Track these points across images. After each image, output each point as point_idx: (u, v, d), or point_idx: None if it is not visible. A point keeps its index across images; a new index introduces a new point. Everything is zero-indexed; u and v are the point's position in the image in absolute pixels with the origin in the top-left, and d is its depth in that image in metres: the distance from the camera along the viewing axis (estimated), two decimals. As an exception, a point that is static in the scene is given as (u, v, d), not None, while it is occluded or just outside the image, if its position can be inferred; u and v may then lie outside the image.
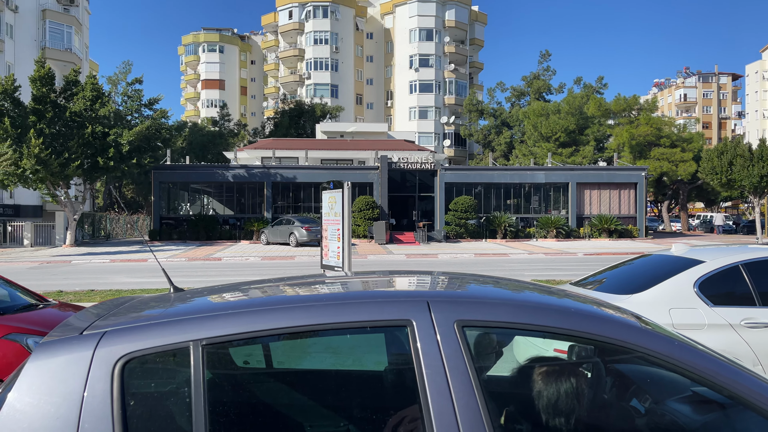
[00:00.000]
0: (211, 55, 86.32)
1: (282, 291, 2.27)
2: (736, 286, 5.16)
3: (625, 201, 37.00)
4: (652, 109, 49.98)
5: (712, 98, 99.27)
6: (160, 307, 2.04)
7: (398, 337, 1.91)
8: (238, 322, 1.77)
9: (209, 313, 1.84)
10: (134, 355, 1.70)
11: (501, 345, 2.21)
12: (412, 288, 2.34)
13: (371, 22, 74.51)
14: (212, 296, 2.20)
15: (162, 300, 2.19)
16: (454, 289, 2.19)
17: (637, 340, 1.84)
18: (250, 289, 2.26)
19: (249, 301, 1.99)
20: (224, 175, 35.84)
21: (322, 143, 44.14)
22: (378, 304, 1.85)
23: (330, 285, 2.33)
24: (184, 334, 1.73)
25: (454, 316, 1.79)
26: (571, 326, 1.84)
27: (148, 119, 32.00)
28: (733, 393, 1.81)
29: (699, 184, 49.06)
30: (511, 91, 63.27)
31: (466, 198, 34.69)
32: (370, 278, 2.48)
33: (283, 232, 30.67)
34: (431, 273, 2.59)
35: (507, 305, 1.92)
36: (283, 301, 1.99)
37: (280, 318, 1.78)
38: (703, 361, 1.84)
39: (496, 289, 2.24)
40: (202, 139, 53.30)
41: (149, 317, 1.89)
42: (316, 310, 1.83)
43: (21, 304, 5.56)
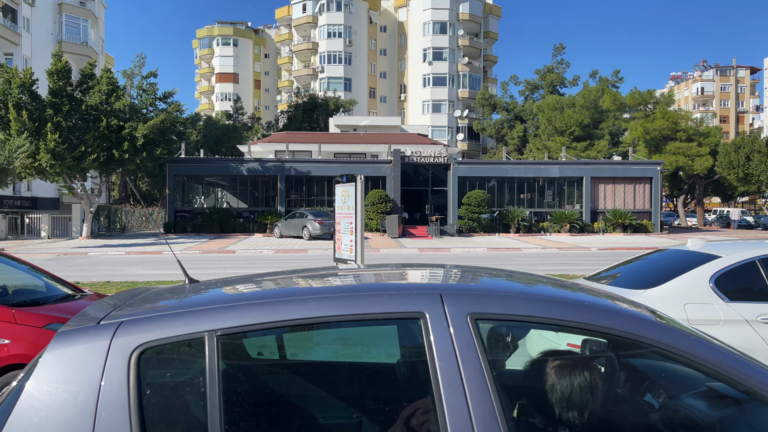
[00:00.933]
0: (225, 48, 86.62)
1: (295, 283, 2.28)
2: (752, 281, 5.10)
3: (639, 196, 36.68)
4: (669, 102, 49.42)
5: (730, 92, 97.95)
6: (176, 298, 2.06)
7: (411, 329, 1.92)
8: (252, 313, 1.78)
9: (224, 304, 1.85)
10: (150, 345, 1.72)
11: (514, 338, 2.20)
12: (425, 281, 2.34)
13: (385, 16, 74.26)
14: (226, 287, 2.21)
15: (177, 291, 2.21)
16: (467, 282, 2.19)
17: (652, 335, 1.83)
18: (263, 281, 2.28)
19: (263, 293, 2.00)
20: (238, 169, 36.01)
21: (336, 137, 44.17)
22: (391, 297, 1.85)
23: (343, 277, 2.34)
24: (199, 325, 1.75)
25: (468, 308, 1.78)
26: (585, 320, 1.83)
27: (162, 112, 32.19)
28: (749, 388, 1.79)
29: (716, 179, 48.51)
30: (525, 85, 62.84)
31: (479, 192, 34.58)
32: (383, 271, 2.49)
33: (297, 226, 30.78)
34: (443, 266, 2.59)
35: (520, 298, 1.91)
36: (296, 293, 2.00)
37: (294, 309, 1.80)
38: (719, 356, 1.83)
39: (509, 282, 2.24)
40: (216, 132, 53.58)
41: (165, 308, 1.92)
42: (330, 301, 1.84)
43: (58, 295, 5.65)
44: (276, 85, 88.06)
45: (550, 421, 1.93)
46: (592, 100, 50.35)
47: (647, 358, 2.54)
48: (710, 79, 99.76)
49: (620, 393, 2.22)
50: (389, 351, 2.19)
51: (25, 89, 27.57)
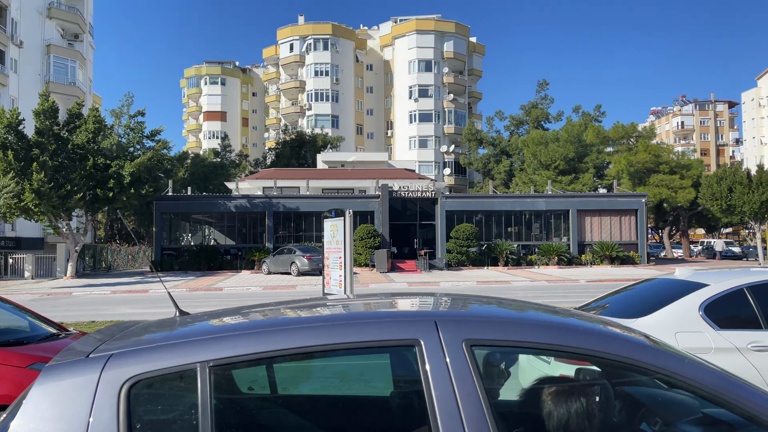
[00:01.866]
0: (213, 87, 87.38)
1: (287, 313, 2.26)
2: (741, 309, 5.12)
3: (626, 228, 36.99)
4: (650, 136, 50.36)
5: (709, 125, 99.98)
6: (166, 330, 2.03)
7: (404, 358, 1.90)
8: (245, 343, 1.76)
9: (216, 335, 1.83)
10: (141, 377, 1.69)
11: (509, 364, 2.19)
12: (419, 308, 2.33)
13: (371, 54, 75.56)
14: (217, 319, 2.19)
15: (167, 323, 2.18)
16: (461, 309, 2.19)
17: (647, 359, 1.83)
18: (255, 312, 2.26)
19: (255, 323, 1.98)
20: (226, 206, 35.93)
21: (324, 173, 44.36)
22: (385, 324, 1.84)
23: (335, 307, 2.33)
24: (191, 356, 1.72)
25: (463, 335, 1.78)
26: (581, 344, 1.83)
27: (150, 150, 32.23)
28: (746, 411, 1.78)
29: (699, 211, 49.12)
30: (510, 120, 63.79)
31: (467, 226, 34.71)
32: (375, 300, 2.48)
33: (285, 262, 30.60)
34: (434, 294, 2.59)
35: (515, 324, 1.91)
36: (290, 322, 1.98)
37: (288, 338, 1.78)
38: (714, 379, 1.82)
39: (502, 309, 2.24)
40: (203, 170, 53.60)
41: (155, 340, 1.89)
42: (324, 330, 1.82)
43: (43, 334, 5.56)
44: (264, 123, 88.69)
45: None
46: (575, 134, 51.15)
47: (642, 385, 2.54)
48: (690, 113, 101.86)
49: (616, 421, 2.20)
50: (384, 380, 2.16)
51: (11, 129, 27.51)
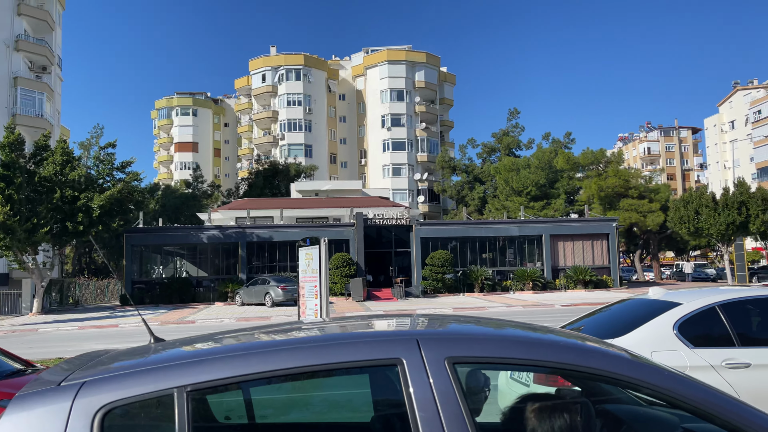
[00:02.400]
0: (184, 118, 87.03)
1: (267, 336, 2.22)
2: (714, 327, 5.20)
3: (598, 252, 37.49)
4: (619, 161, 51.50)
5: (675, 151, 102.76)
6: (140, 357, 1.98)
7: (387, 378, 1.87)
8: (223, 366, 1.72)
9: (193, 359, 1.78)
10: (116, 404, 1.63)
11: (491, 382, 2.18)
12: (399, 328, 2.31)
13: (343, 84, 76.30)
14: (194, 345, 2.13)
15: (141, 350, 2.12)
16: (441, 328, 2.18)
17: (628, 372, 1.83)
18: (231, 337, 2.21)
19: (233, 346, 1.94)
20: (198, 237, 35.48)
21: (297, 202, 44.22)
22: (367, 344, 1.82)
23: (314, 329, 2.29)
24: (168, 381, 1.67)
25: (445, 352, 1.76)
26: (562, 359, 1.83)
27: (120, 182, 31.78)
28: (729, 423, 1.79)
29: (668, 234, 50.13)
30: (482, 148, 64.71)
31: (443, 252, 34.80)
32: (354, 322, 2.45)
33: (259, 293, 30.21)
34: (412, 315, 2.57)
35: (496, 340, 1.90)
36: (269, 345, 1.94)
37: (267, 361, 1.74)
38: (695, 391, 1.84)
39: (482, 327, 2.23)
40: (175, 201, 52.98)
41: (129, 366, 1.83)
42: (304, 351, 1.79)
43: (8, 371, 5.41)
44: (236, 153, 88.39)
45: None
46: (546, 160, 52.08)
47: (622, 402, 2.54)
48: (655, 139, 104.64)
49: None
50: (366, 401, 2.12)
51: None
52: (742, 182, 40.88)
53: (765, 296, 5.51)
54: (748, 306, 5.46)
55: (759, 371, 4.79)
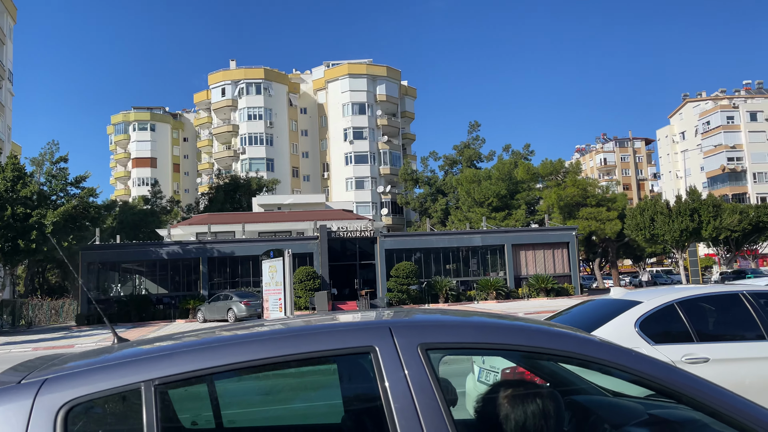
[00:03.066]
0: (141, 133, 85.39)
1: (237, 330, 2.18)
2: (673, 324, 5.34)
3: (559, 260, 38.16)
4: (577, 172, 52.68)
5: (629, 161, 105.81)
6: (105, 354, 1.91)
7: (358, 367, 1.86)
8: (193, 359, 1.67)
9: (161, 353, 1.73)
10: (79, 401, 1.57)
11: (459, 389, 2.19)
12: (371, 318, 2.31)
13: (304, 98, 76.23)
14: (162, 342, 2.08)
15: (105, 349, 2.06)
16: (413, 316, 2.18)
17: (598, 353, 1.86)
18: (201, 333, 2.16)
19: (203, 340, 1.89)
20: (157, 253, 34.71)
21: (260, 216, 43.77)
22: (339, 333, 1.80)
23: (285, 322, 2.26)
24: (134, 376, 1.62)
25: (417, 339, 1.76)
26: (534, 342, 1.85)
27: (74, 198, 30.90)
28: (693, 398, 1.84)
29: (626, 242, 51.39)
30: (444, 160, 65.39)
31: (407, 264, 34.88)
32: (322, 316, 2.43)
33: (221, 308, 29.66)
34: (378, 309, 2.57)
35: (468, 326, 1.91)
36: (240, 337, 1.90)
37: (238, 352, 1.70)
38: (661, 370, 1.88)
39: (452, 316, 2.24)
40: (133, 218, 51.78)
41: (94, 363, 1.76)
42: (277, 342, 1.76)
43: None
44: (196, 168, 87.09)
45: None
46: (506, 172, 52.92)
47: (590, 393, 2.59)
48: (611, 150, 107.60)
49: (568, 428, 2.23)
50: (339, 392, 2.10)
51: None
52: (694, 190, 42.34)
53: (720, 293, 5.70)
54: (705, 303, 5.64)
55: (717, 365, 4.93)
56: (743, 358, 5.03)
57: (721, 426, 1.89)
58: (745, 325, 5.32)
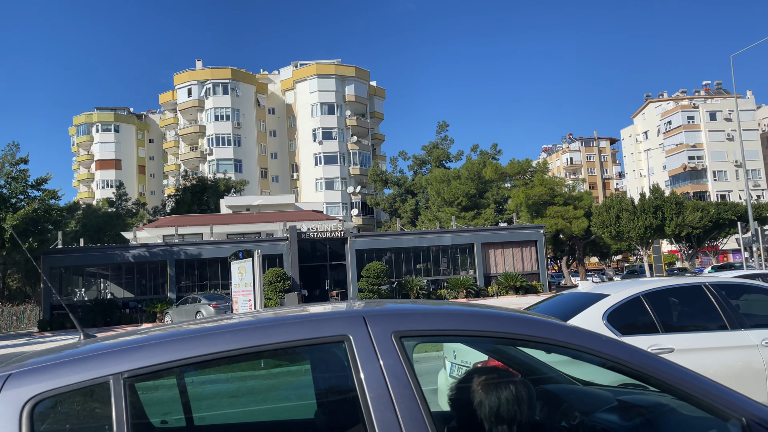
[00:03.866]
0: (105, 134, 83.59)
1: (209, 322, 2.15)
2: (639, 315, 5.46)
3: (527, 258, 38.63)
4: (544, 171, 53.47)
5: (595, 161, 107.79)
6: (71, 348, 1.86)
7: (332, 356, 1.85)
8: (163, 351, 1.64)
9: (129, 346, 1.70)
10: (46, 395, 1.53)
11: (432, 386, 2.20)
12: (344, 308, 2.30)
13: (272, 98, 75.64)
14: (130, 336, 2.03)
15: (71, 345, 2.00)
16: (386, 306, 2.18)
17: (569, 338, 1.89)
18: (171, 327, 2.12)
19: (173, 332, 1.86)
20: (123, 256, 34.02)
21: (228, 218, 43.26)
22: (313, 322, 1.79)
23: (258, 314, 2.24)
24: (102, 369, 1.58)
25: (391, 327, 1.76)
26: (507, 329, 1.87)
27: (35, 201, 30.05)
28: (662, 380, 1.88)
29: (592, 239, 52.35)
30: (413, 160, 65.63)
31: (378, 264, 34.89)
32: (293, 309, 2.42)
33: (189, 312, 29.22)
34: (351, 300, 2.57)
35: (441, 314, 1.92)
36: (211, 329, 1.88)
37: (210, 343, 1.68)
38: (631, 354, 1.91)
39: (424, 305, 2.25)
40: (97, 221, 50.61)
41: (60, 357, 1.72)
42: (250, 332, 1.74)
43: None
44: (162, 170, 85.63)
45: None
46: (475, 171, 53.39)
47: (561, 382, 2.62)
48: (577, 150, 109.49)
49: (538, 419, 2.26)
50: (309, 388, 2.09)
51: None
52: (658, 188, 43.35)
53: (683, 285, 5.85)
54: (669, 295, 5.78)
55: (681, 355, 5.05)
56: (707, 348, 5.17)
57: (689, 408, 1.94)
58: (708, 315, 5.47)
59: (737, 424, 1.80)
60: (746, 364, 5.11)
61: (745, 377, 5.02)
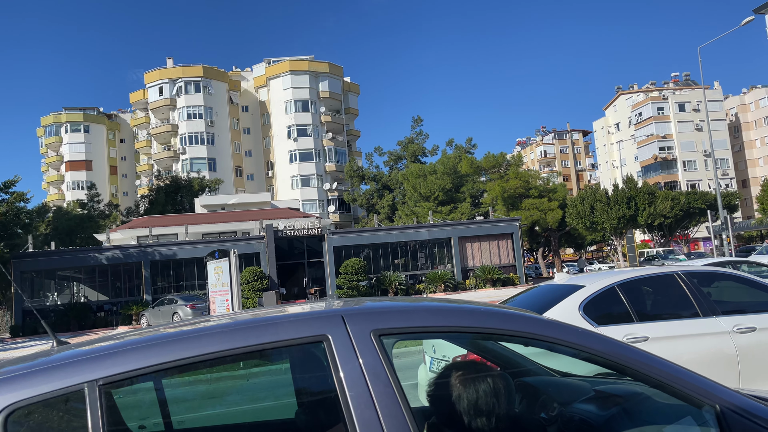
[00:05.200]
0: (75, 135, 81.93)
1: (185, 326, 2.13)
2: (614, 305, 5.55)
3: (504, 251, 38.97)
4: (519, 164, 53.93)
5: (568, 153, 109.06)
6: (44, 356, 1.83)
7: (311, 357, 1.85)
8: (138, 356, 1.62)
9: (104, 352, 1.67)
10: (19, 404, 1.49)
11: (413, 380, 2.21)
12: (322, 308, 2.30)
13: (246, 96, 74.93)
14: (104, 342, 2.00)
15: (44, 352, 1.97)
16: (364, 304, 2.18)
17: (546, 331, 1.91)
18: (147, 332, 2.10)
19: (149, 337, 1.83)
20: (96, 259, 33.45)
21: (203, 217, 42.81)
22: (291, 323, 1.78)
23: (234, 316, 2.22)
24: (77, 377, 1.55)
25: (370, 326, 1.77)
26: (485, 324, 1.88)
27: (3, 204, 29.39)
28: (636, 370, 1.91)
29: (567, 231, 53.01)
30: (389, 156, 65.67)
31: (356, 260, 34.87)
32: (271, 309, 2.41)
33: (166, 313, 28.87)
34: (328, 299, 2.57)
35: (419, 311, 1.93)
36: (188, 333, 1.85)
37: (187, 347, 1.66)
38: (606, 345, 1.95)
39: (402, 302, 2.26)
40: (68, 223, 49.64)
41: (34, 366, 1.68)
42: (227, 335, 1.73)
43: None
44: (135, 170, 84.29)
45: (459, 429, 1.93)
46: (451, 166, 53.64)
47: (539, 374, 2.66)
48: (550, 142, 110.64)
49: (518, 411, 2.28)
50: (288, 389, 2.09)
51: None
52: (631, 178, 44.03)
53: (656, 274, 5.95)
54: (643, 284, 5.88)
55: (656, 343, 5.13)
56: (680, 335, 5.27)
57: (664, 396, 1.98)
58: (681, 304, 5.57)
59: (711, 411, 1.84)
60: (718, 350, 5.22)
61: (717, 363, 5.13)
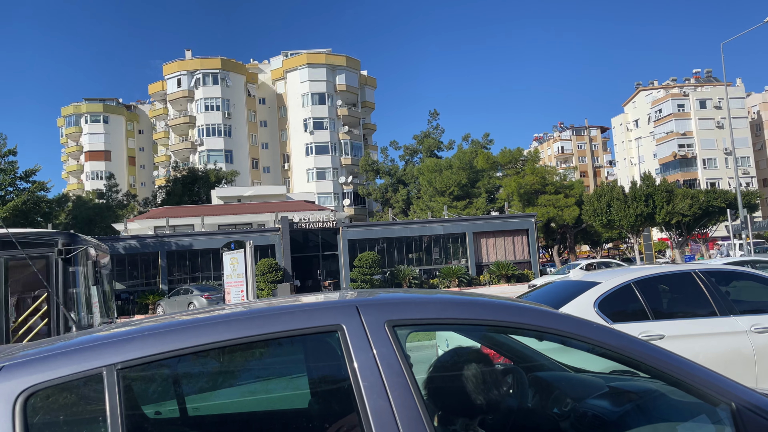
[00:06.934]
0: (94, 125, 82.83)
1: (202, 313, 2.15)
2: (630, 303, 5.51)
3: (519, 247, 38.79)
4: (536, 160, 53.53)
5: (586, 149, 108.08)
6: (64, 340, 1.86)
7: (325, 346, 1.86)
8: (156, 342, 1.64)
9: (123, 337, 1.69)
10: (38, 387, 1.52)
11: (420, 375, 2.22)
12: (337, 298, 2.31)
13: (263, 88, 75.15)
14: (123, 327, 2.03)
15: (64, 337, 2.00)
16: (379, 295, 2.19)
17: (561, 326, 1.91)
18: (165, 318, 2.12)
19: (167, 323, 1.85)
20: (114, 248, 33.85)
21: (219, 208, 43.11)
22: (306, 312, 1.80)
23: (250, 305, 2.24)
24: (96, 360, 1.58)
25: (384, 316, 1.77)
26: (498, 317, 1.88)
27: (25, 192, 29.83)
28: (652, 366, 1.90)
29: (583, 227, 52.56)
30: (404, 150, 65.50)
31: (370, 254, 34.92)
32: (286, 299, 2.43)
33: (182, 303, 29.17)
34: (342, 290, 2.58)
35: (433, 303, 1.93)
36: (205, 320, 1.88)
37: (204, 334, 1.68)
38: (622, 340, 1.93)
39: (416, 294, 2.27)
40: (87, 212, 50.24)
41: (53, 349, 1.71)
42: (243, 323, 1.74)
43: None
44: (152, 161, 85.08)
45: (472, 421, 1.93)
46: (467, 161, 53.39)
47: (552, 370, 2.65)
48: (568, 138, 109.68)
49: (531, 405, 2.28)
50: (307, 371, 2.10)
51: None
52: (649, 176, 43.51)
53: (673, 272, 5.90)
54: (659, 282, 5.82)
55: (672, 342, 5.09)
56: (697, 334, 5.22)
57: (679, 394, 1.97)
58: (698, 302, 5.52)
59: (727, 409, 1.83)
60: (735, 349, 5.16)
61: (734, 363, 5.07)
